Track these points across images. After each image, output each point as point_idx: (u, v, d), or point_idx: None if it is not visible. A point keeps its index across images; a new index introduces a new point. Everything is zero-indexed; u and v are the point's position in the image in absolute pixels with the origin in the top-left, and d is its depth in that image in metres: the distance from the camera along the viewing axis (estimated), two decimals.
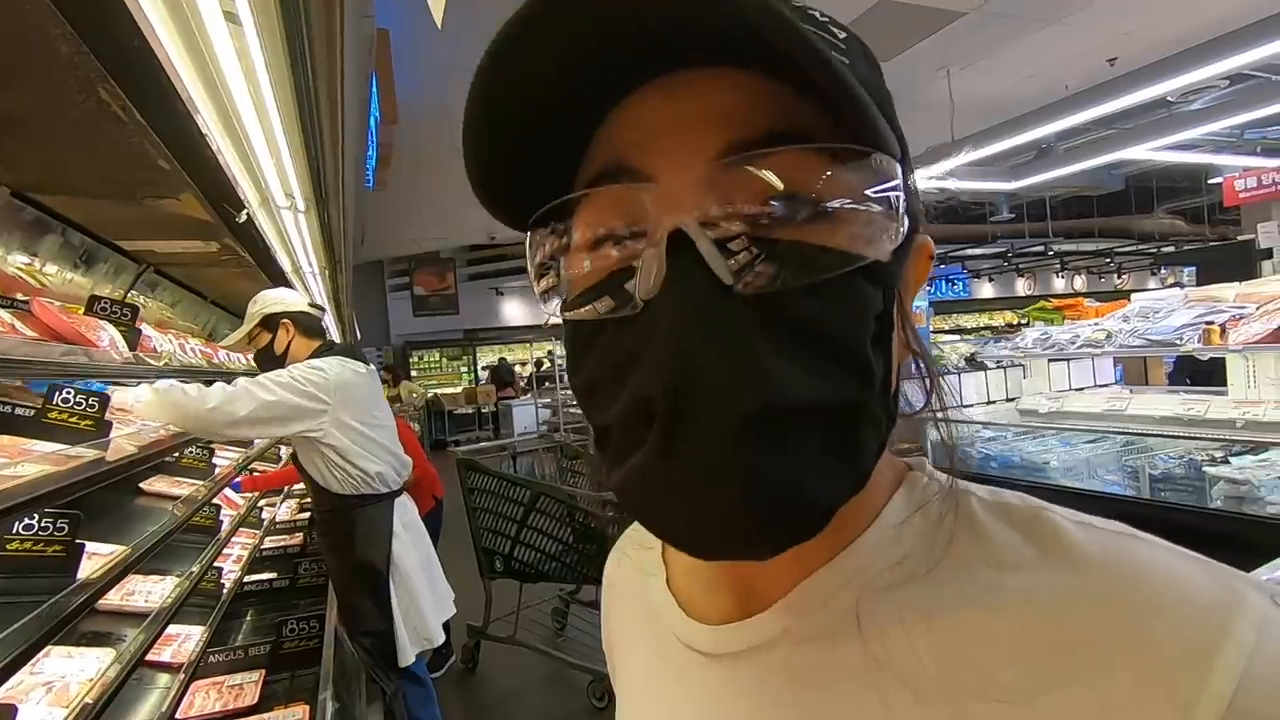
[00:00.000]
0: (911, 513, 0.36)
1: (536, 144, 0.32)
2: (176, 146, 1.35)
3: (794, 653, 0.35)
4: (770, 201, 0.29)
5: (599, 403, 0.33)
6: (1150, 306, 3.45)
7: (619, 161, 0.32)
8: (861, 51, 0.34)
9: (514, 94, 0.30)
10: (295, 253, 2.52)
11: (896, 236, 0.31)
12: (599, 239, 0.32)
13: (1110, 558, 0.31)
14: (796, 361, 0.28)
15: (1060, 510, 0.34)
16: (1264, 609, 0.28)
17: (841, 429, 0.30)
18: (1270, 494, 2.41)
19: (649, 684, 0.44)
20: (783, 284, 0.29)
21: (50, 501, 1.01)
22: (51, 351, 1.19)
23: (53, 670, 1.20)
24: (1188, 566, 0.30)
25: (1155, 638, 0.28)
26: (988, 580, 0.32)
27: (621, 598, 0.51)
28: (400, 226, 8.96)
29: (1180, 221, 12.77)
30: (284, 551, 3.23)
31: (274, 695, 2.09)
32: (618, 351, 0.31)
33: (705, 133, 0.30)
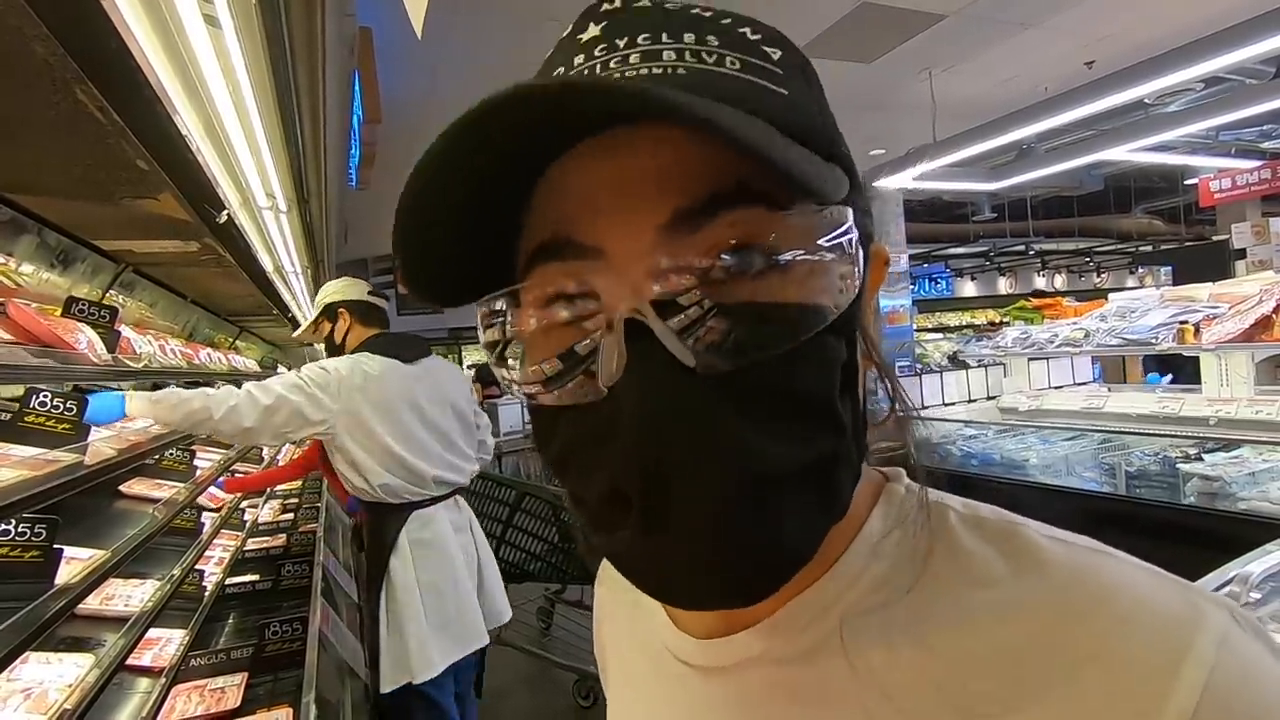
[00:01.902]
0: (889, 529, 0.36)
1: (476, 220, 0.32)
2: (155, 147, 1.34)
3: (779, 669, 0.36)
4: (722, 268, 0.29)
5: (572, 476, 0.33)
6: (1127, 306, 3.51)
7: (564, 235, 0.31)
8: (800, 70, 0.34)
9: (448, 194, 0.30)
10: (277, 252, 2.50)
11: (855, 283, 0.31)
12: (548, 318, 0.32)
13: (1081, 574, 0.32)
14: (767, 431, 0.29)
15: (1034, 525, 0.35)
16: (1224, 626, 0.29)
17: (819, 482, 0.30)
18: (1242, 490, 2.47)
19: (639, 690, 0.44)
20: (745, 358, 0.29)
21: (27, 507, 1.00)
22: (26, 355, 1.18)
23: (30, 676, 1.18)
24: (1155, 583, 0.31)
25: (1122, 653, 0.29)
26: (965, 597, 0.33)
27: (614, 602, 0.51)
28: (384, 224, 8.82)
29: (1158, 221, 12.97)
30: (266, 553, 3.20)
31: (257, 698, 2.07)
32: (586, 433, 0.31)
33: (647, 199, 0.29)
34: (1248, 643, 0.29)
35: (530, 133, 0.28)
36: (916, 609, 0.34)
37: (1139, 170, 9.55)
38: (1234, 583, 1.43)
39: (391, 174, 3.66)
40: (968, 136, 4.69)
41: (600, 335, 0.30)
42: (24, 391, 1.26)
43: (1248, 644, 0.29)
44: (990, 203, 10.35)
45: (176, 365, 2.34)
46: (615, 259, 0.30)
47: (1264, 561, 1.46)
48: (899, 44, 4.23)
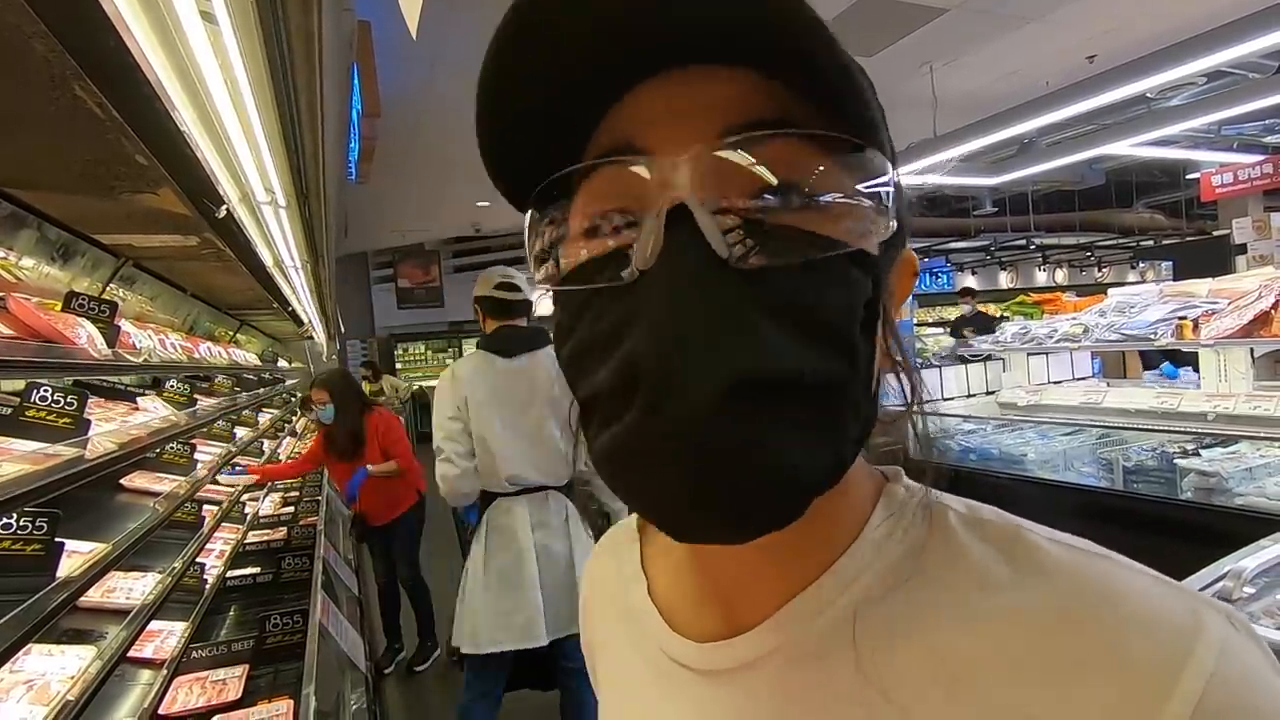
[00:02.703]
0: (891, 529, 0.36)
1: (544, 127, 0.33)
2: (154, 143, 1.34)
3: (783, 671, 0.36)
4: (766, 184, 0.30)
5: (586, 370, 0.32)
6: (1126, 301, 3.50)
7: (623, 140, 0.32)
8: (860, 68, 0.36)
9: (526, 77, 0.31)
10: (276, 247, 2.51)
11: (885, 231, 0.32)
12: (599, 215, 0.33)
13: (1083, 579, 0.32)
14: (786, 333, 0.29)
15: (1037, 529, 0.35)
16: (1223, 633, 0.29)
17: (825, 405, 0.30)
18: (1238, 485, 2.47)
19: (634, 694, 0.44)
20: (777, 261, 0.29)
21: (28, 501, 1.01)
22: (27, 349, 1.19)
23: (33, 668, 1.20)
24: (1156, 590, 0.31)
25: (1124, 659, 0.29)
26: (967, 598, 0.33)
27: (602, 601, 0.51)
28: (384, 219, 8.88)
29: (1160, 216, 12.94)
30: (267, 546, 3.22)
31: (257, 690, 2.09)
32: (610, 319, 0.31)
33: (704, 117, 0.31)
34: (1246, 651, 0.29)
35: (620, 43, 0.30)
36: (919, 610, 0.34)
37: (1141, 165, 9.53)
38: (1228, 578, 1.44)
39: (391, 168, 3.71)
40: (969, 131, 4.67)
41: (645, 217, 0.31)
42: (24, 386, 1.27)
43: (1246, 653, 0.29)
44: (991, 197, 10.33)
45: (177, 359, 2.35)
46: (667, 158, 0.31)
47: (1258, 557, 1.47)
48: (900, 38, 4.21)
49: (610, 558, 0.51)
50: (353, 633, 2.43)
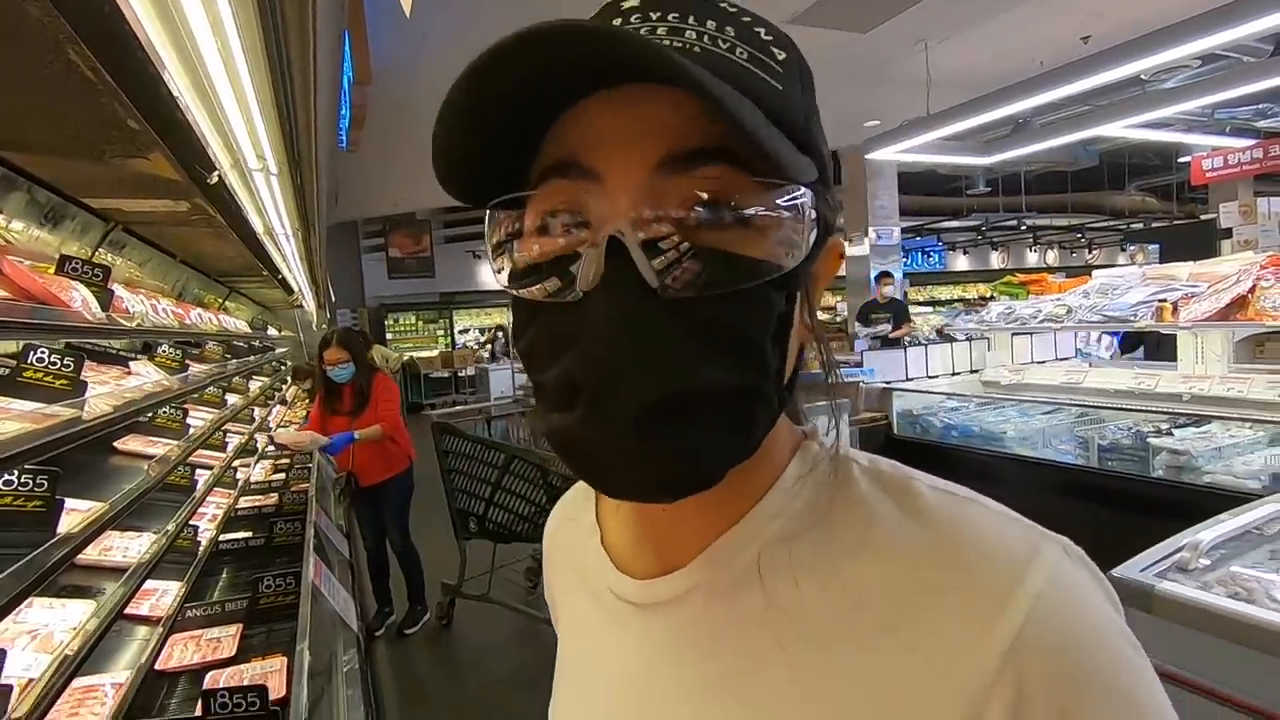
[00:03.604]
0: (802, 481, 0.42)
1: (499, 140, 0.37)
2: (146, 108, 1.34)
3: (706, 603, 0.42)
4: (695, 209, 0.34)
5: (536, 365, 0.38)
6: (1110, 283, 3.56)
7: (571, 158, 0.36)
8: (798, 75, 0.39)
9: (481, 105, 0.35)
10: (267, 214, 2.51)
11: (802, 251, 0.37)
12: (548, 224, 0.37)
13: (950, 518, 0.38)
14: (704, 355, 0.34)
15: (925, 478, 0.41)
16: (1055, 561, 0.36)
17: (737, 410, 0.36)
18: (1207, 464, 2.55)
19: (587, 629, 0.50)
20: (700, 290, 0.34)
21: (29, 459, 1.04)
22: (22, 311, 1.21)
23: (35, 619, 1.24)
24: (1005, 525, 0.38)
25: (970, 584, 0.35)
26: (860, 536, 0.39)
27: (561, 554, 0.57)
28: (374, 187, 8.80)
29: (1151, 198, 13.00)
30: (259, 511, 3.26)
31: (251, 648, 2.14)
32: (555, 329, 0.36)
33: (645, 142, 0.34)
34: (1074, 574, 0.36)
35: (565, 67, 0.33)
36: (821, 546, 0.40)
37: (1134, 147, 9.54)
38: (1185, 549, 1.51)
39: (381, 136, 3.69)
40: (962, 110, 4.68)
41: (587, 247, 0.35)
42: (20, 347, 1.29)
43: (1074, 575, 0.36)
44: (985, 177, 10.33)
45: (169, 325, 2.36)
46: (610, 185, 0.35)
47: (1214, 530, 1.54)
48: (894, 14, 4.19)
49: (568, 515, 0.58)
50: (344, 594, 2.49)
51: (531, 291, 0.38)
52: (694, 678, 0.42)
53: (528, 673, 3.23)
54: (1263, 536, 1.65)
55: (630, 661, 0.45)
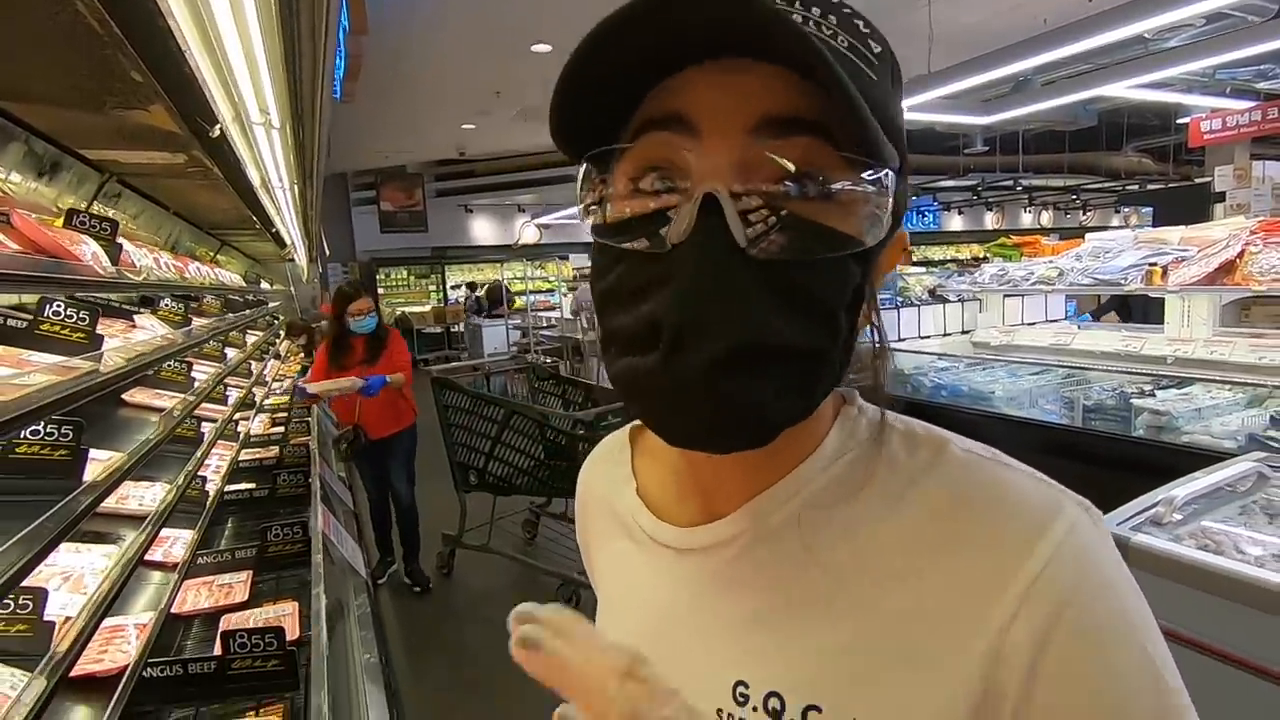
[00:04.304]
0: (843, 443, 0.45)
1: (610, 97, 0.39)
2: (152, 59, 1.33)
3: (746, 548, 0.45)
4: (789, 176, 0.36)
5: (614, 310, 0.40)
6: (1102, 246, 3.60)
7: (673, 112, 0.38)
8: (891, 68, 0.40)
9: (599, 67, 0.37)
10: (265, 167, 2.49)
11: (883, 228, 0.39)
12: (644, 175, 0.39)
13: (979, 478, 0.42)
14: (781, 314, 0.36)
15: (958, 440, 0.45)
16: (1075, 516, 0.40)
17: (804, 370, 0.38)
18: (1187, 424, 2.63)
19: (626, 570, 0.53)
20: (786, 254, 0.36)
21: (57, 409, 1.07)
22: (39, 265, 1.22)
23: (65, 563, 1.29)
24: (1031, 485, 0.42)
25: (998, 535, 0.39)
26: (897, 495, 0.43)
27: (597, 502, 0.60)
28: (365, 139, 8.63)
29: (1148, 160, 12.92)
30: (260, 464, 3.31)
31: (262, 594, 2.22)
32: (641, 278, 0.38)
33: (746, 105, 0.36)
34: (1091, 531, 0.40)
35: (691, 31, 0.35)
36: (858, 506, 0.43)
37: (1133, 107, 9.45)
38: (1160, 505, 1.59)
39: (374, 87, 3.63)
40: (964, 68, 4.61)
41: (681, 201, 0.37)
42: (37, 300, 1.31)
43: (1091, 532, 0.40)
44: (983, 135, 10.23)
45: (172, 279, 2.37)
46: (708, 141, 0.37)
47: (1188, 487, 1.61)
48: None
49: (603, 464, 0.61)
50: (351, 542, 2.57)
51: (621, 239, 0.39)
52: (732, 614, 0.45)
53: None
54: (1235, 493, 1.73)
55: (670, 598, 0.48)
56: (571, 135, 0.41)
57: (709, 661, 0.45)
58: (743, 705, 0.43)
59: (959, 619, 0.38)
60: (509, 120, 7.75)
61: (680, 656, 0.46)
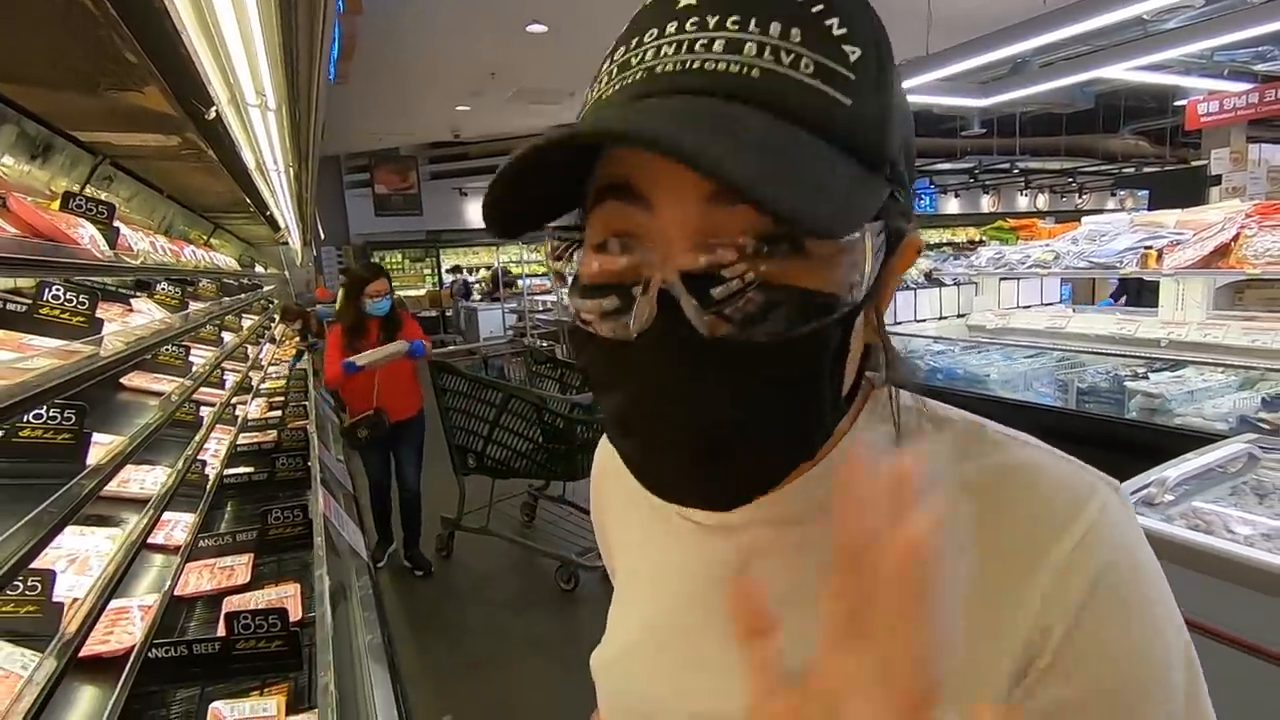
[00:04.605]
0: (874, 428, 0.45)
1: (552, 183, 0.38)
2: (148, 41, 1.32)
3: (775, 529, 0.45)
4: (748, 248, 0.34)
5: (595, 387, 0.41)
6: (1098, 230, 3.61)
7: (624, 180, 0.36)
8: (874, 73, 0.36)
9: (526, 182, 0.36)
10: (260, 150, 2.47)
11: (862, 287, 0.36)
12: (607, 245, 0.38)
13: (1016, 460, 0.43)
14: (756, 398, 0.36)
15: (994, 426, 0.45)
16: (1107, 496, 0.40)
17: (792, 434, 0.38)
18: (1179, 406, 2.66)
19: (650, 549, 0.54)
20: (752, 336, 0.34)
21: (60, 393, 1.08)
22: (39, 249, 1.22)
23: (70, 545, 1.30)
24: (1066, 468, 0.42)
25: (1036, 513, 0.40)
26: (929, 481, 0.43)
27: (616, 480, 0.59)
28: (359, 120, 8.54)
29: (1144, 142, 12.90)
30: (259, 448, 3.32)
31: (264, 576, 2.24)
32: (610, 363, 0.39)
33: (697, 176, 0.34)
34: (1122, 512, 0.41)
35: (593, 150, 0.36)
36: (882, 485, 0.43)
37: (1131, 89, 9.42)
38: (1152, 485, 1.61)
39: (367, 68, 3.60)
40: (963, 50, 4.59)
41: (639, 293, 0.36)
42: (35, 284, 1.31)
43: (1121, 513, 0.41)
44: (980, 118, 10.19)
45: (168, 263, 2.36)
46: (661, 216, 0.35)
47: (1180, 468, 1.64)
48: None
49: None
50: (352, 525, 2.58)
51: (591, 320, 0.39)
52: (765, 580, 0.46)
53: (525, 599, 3.38)
54: (1225, 474, 1.76)
55: (699, 575, 0.49)
56: (511, 225, 0.39)
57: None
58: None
59: (994, 596, 0.39)
60: (504, 102, 7.68)
61: (709, 633, 0.47)
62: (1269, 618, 1.31)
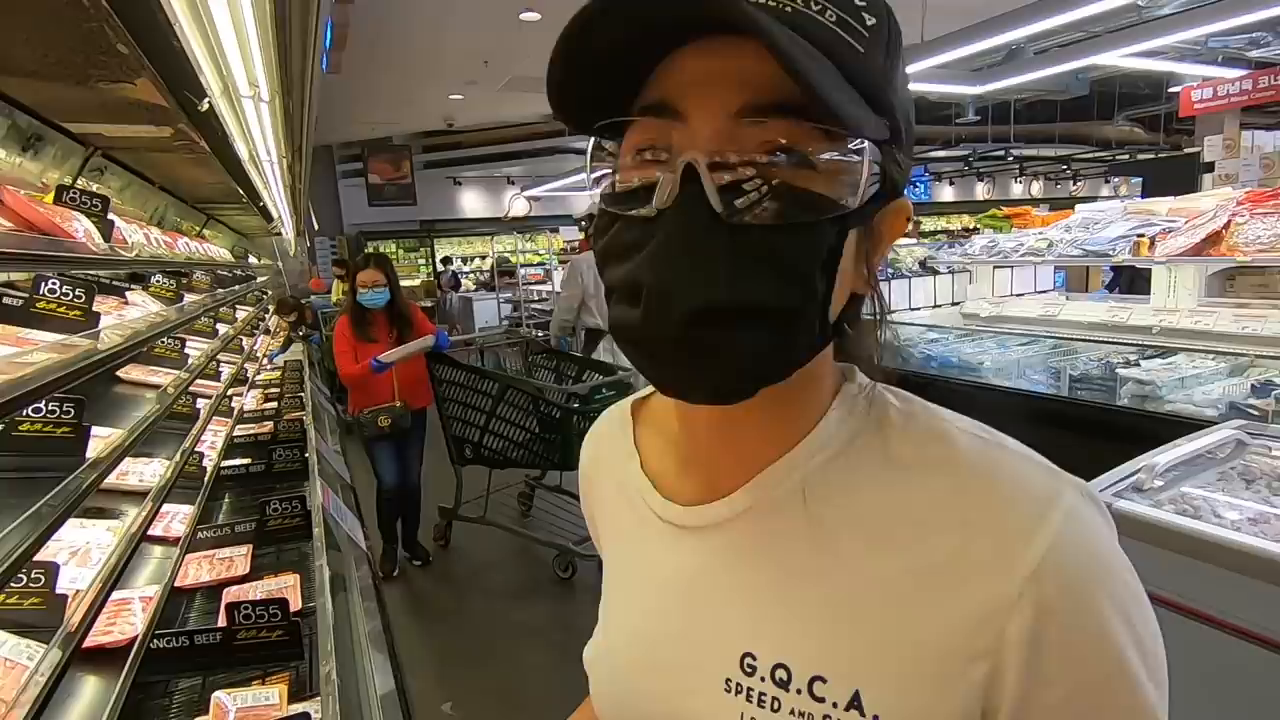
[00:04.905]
0: (843, 419, 0.47)
1: (607, 77, 0.42)
2: (140, 32, 1.31)
3: (752, 522, 0.47)
4: (763, 156, 0.39)
5: (610, 266, 0.44)
6: (1091, 218, 3.62)
7: (662, 100, 0.41)
8: (885, 41, 0.41)
9: (590, 49, 0.39)
10: (254, 141, 2.46)
11: (858, 196, 0.40)
12: (639, 153, 0.43)
13: (979, 460, 0.43)
14: (753, 274, 0.39)
15: (957, 420, 0.46)
16: (1074, 502, 0.41)
17: (779, 328, 0.41)
18: (1170, 393, 2.69)
19: (634, 540, 0.55)
20: (759, 219, 0.39)
21: (59, 387, 1.08)
22: (36, 243, 1.22)
23: (71, 538, 1.31)
24: (1029, 469, 0.43)
25: (998, 520, 0.41)
26: (890, 471, 0.45)
27: (602, 474, 0.62)
28: (351, 110, 8.48)
29: (1139, 129, 12.90)
30: (255, 439, 3.32)
31: (263, 566, 2.25)
32: (630, 238, 0.42)
33: (727, 91, 0.39)
34: (1089, 515, 0.41)
35: (654, 20, 0.38)
36: (854, 479, 0.45)
37: (1125, 75, 9.41)
38: (1142, 472, 1.63)
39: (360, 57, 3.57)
40: (957, 37, 4.58)
41: (664, 170, 0.40)
42: (31, 278, 1.31)
43: (1089, 516, 0.41)
44: (975, 105, 10.17)
45: (163, 255, 2.36)
46: (692, 125, 0.40)
47: (1169, 455, 1.66)
48: None
49: (606, 438, 0.62)
50: (350, 515, 2.60)
51: (618, 207, 0.43)
52: (738, 588, 0.47)
53: (523, 588, 3.40)
54: (1214, 460, 1.78)
55: (680, 571, 0.51)
56: (572, 109, 0.44)
57: (717, 635, 0.47)
58: (751, 675, 0.45)
59: (961, 599, 0.40)
60: (498, 91, 7.63)
61: (690, 630, 0.49)
62: (1254, 601, 1.34)
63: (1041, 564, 0.39)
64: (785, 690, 0.43)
